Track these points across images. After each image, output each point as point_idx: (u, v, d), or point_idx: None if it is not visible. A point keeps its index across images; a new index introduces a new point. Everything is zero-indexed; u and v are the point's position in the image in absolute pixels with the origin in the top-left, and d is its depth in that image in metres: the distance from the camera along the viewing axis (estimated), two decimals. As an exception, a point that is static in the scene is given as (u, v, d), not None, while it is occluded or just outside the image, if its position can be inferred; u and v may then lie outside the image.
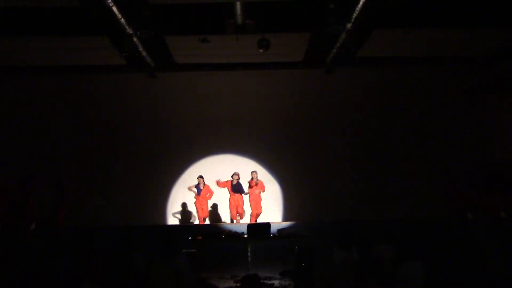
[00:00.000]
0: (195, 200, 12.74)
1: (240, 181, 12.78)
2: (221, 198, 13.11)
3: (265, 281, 8.39)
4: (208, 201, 12.88)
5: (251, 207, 12.65)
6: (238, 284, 8.13)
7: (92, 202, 12.73)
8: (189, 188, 13.02)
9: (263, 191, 12.68)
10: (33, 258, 6.91)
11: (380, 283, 5.94)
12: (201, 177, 12.74)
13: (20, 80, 13.41)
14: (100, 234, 9.85)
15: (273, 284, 8.33)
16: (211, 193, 12.83)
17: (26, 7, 9.26)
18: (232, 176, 12.74)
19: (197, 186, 12.76)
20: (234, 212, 12.74)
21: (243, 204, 12.80)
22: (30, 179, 12.03)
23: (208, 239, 10.15)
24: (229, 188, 12.80)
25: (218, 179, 12.94)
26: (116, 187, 13.02)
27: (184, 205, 13.43)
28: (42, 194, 11.98)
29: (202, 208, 12.68)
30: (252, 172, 12.71)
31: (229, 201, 12.80)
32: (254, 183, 12.60)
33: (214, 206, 13.34)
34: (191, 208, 13.18)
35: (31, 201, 11.81)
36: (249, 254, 9.59)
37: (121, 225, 11.48)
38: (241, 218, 12.82)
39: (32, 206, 11.74)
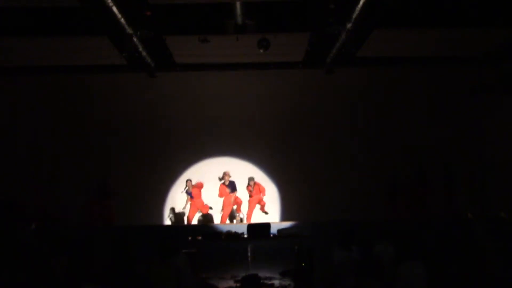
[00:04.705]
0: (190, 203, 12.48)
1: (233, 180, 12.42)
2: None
3: (265, 281, 8.39)
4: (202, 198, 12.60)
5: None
6: (238, 284, 8.13)
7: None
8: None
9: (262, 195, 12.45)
10: (33, 258, 6.91)
11: (380, 283, 5.95)
12: (189, 180, 12.54)
13: (20, 80, 13.40)
14: (100, 234, 9.91)
15: (273, 284, 8.32)
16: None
17: (26, 7, 9.27)
18: (223, 178, 12.37)
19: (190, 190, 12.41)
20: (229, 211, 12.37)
21: (241, 203, 12.50)
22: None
23: (208, 239, 10.14)
24: (224, 191, 12.31)
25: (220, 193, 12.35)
26: (115, 187, 12.98)
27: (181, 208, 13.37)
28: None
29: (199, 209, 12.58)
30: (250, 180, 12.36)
31: (224, 202, 12.32)
32: (249, 190, 12.30)
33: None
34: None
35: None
36: (249, 254, 9.57)
37: (121, 225, 11.46)
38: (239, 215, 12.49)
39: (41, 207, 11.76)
